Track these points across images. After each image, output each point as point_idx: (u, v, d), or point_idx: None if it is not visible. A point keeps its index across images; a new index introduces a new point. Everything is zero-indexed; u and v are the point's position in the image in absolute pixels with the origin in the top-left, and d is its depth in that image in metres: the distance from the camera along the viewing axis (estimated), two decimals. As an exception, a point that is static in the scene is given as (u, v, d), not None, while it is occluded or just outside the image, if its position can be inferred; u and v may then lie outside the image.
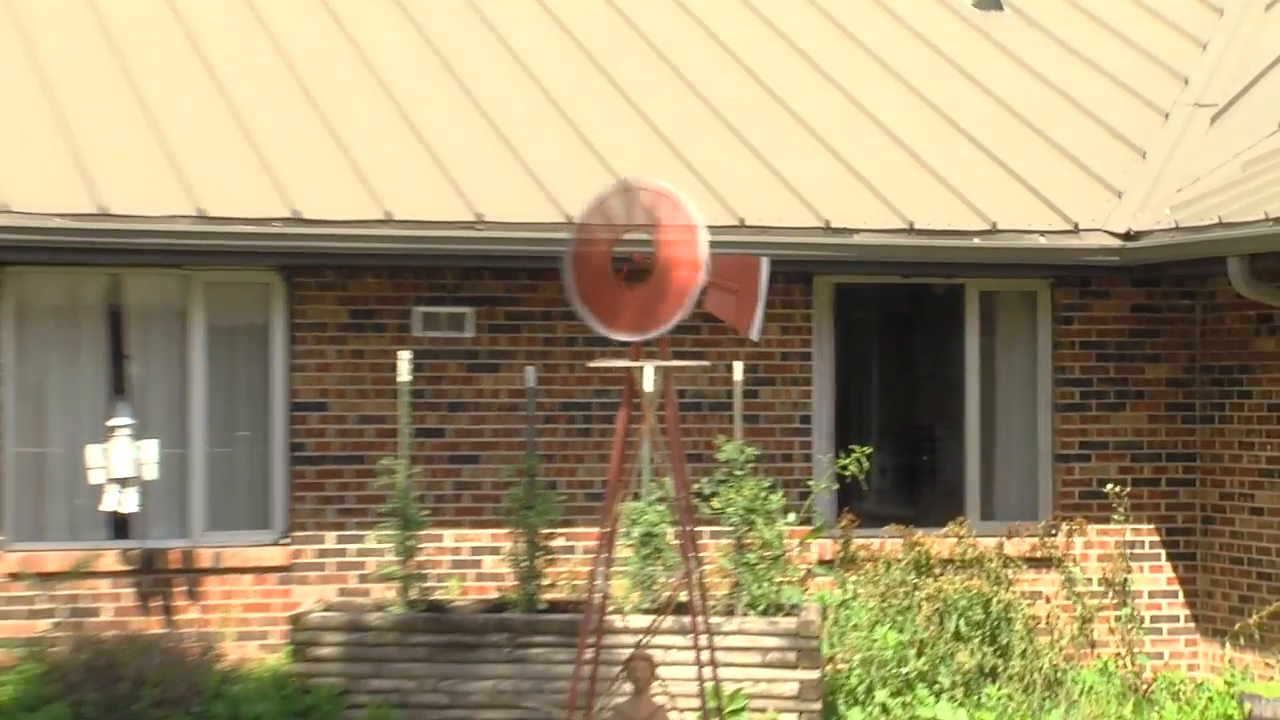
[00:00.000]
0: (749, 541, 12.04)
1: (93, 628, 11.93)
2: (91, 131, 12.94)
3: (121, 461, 11.98)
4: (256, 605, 12.53)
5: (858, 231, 12.88)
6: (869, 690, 12.13)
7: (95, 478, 12.06)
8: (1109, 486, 13.35)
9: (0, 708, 11.53)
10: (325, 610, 12.06)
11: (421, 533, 12.05)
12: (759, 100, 14.91)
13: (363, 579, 12.55)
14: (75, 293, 12.60)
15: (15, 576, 11.95)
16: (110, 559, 12.18)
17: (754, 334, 9.59)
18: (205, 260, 12.32)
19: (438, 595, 12.45)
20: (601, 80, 14.77)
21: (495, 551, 12.71)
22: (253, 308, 12.84)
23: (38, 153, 12.63)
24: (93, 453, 12.07)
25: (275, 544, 12.59)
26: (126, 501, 12.09)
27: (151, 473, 12.08)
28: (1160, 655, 13.65)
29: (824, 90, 15.15)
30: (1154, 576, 13.69)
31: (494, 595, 12.52)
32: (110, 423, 12.13)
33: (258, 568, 12.53)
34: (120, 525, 12.40)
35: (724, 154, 13.95)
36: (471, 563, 12.93)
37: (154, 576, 12.29)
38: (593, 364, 10.69)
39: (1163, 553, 13.76)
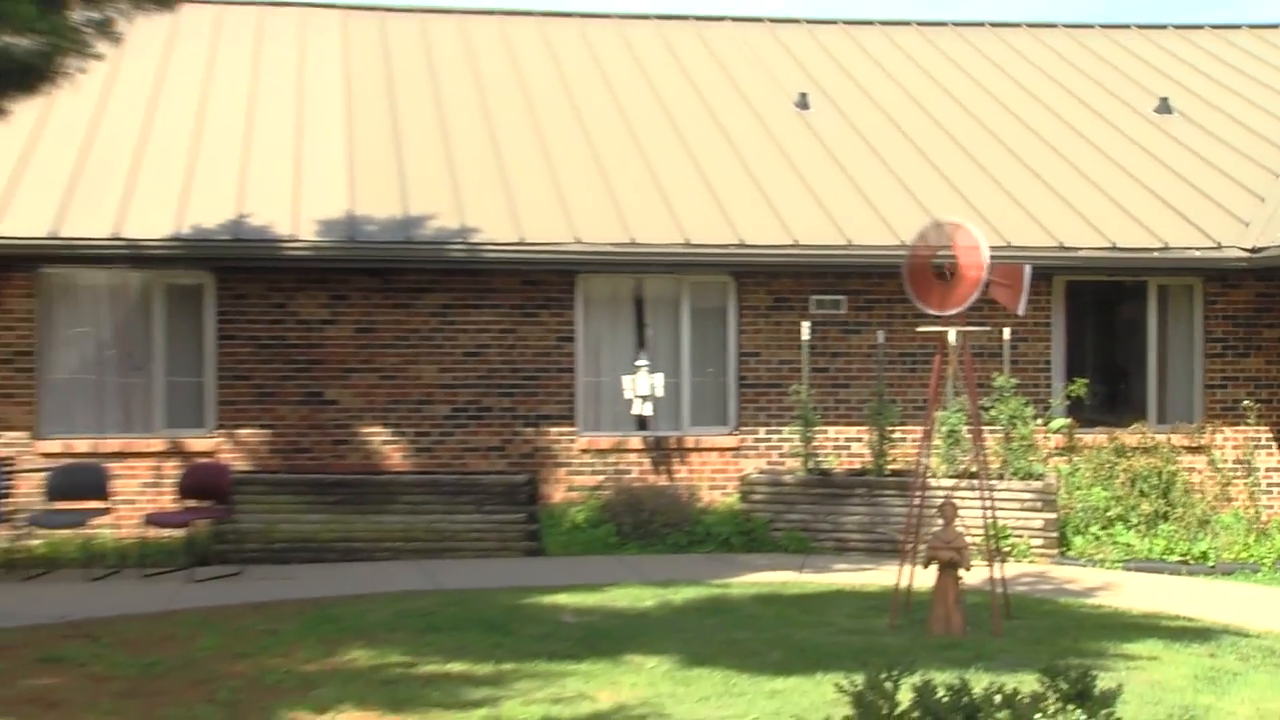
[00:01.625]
0: (1012, 435, 14.50)
1: (626, 481, 14.83)
2: (626, 191, 15.60)
3: (643, 385, 14.88)
4: (719, 469, 15.10)
5: (1080, 249, 15.25)
6: (1086, 526, 14.36)
7: (627, 394, 14.97)
8: (1244, 403, 15.53)
9: (577, 524, 14.32)
10: (759, 473, 14.81)
11: (814, 429, 14.79)
12: (1010, 161, 17.16)
13: (780, 455, 15.08)
14: (616, 288, 15.26)
15: (584, 450, 14.95)
16: (636, 442, 15.03)
17: (1021, 311, 10.98)
18: (689, 269, 15.04)
19: (824, 465, 14.89)
20: (920, 157, 17.14)
21: (859, 440, 15.09)
22: (716, 296, 15.33)
23: (592, 205, 15.26)
24: (626, 381, 14.97)
25: (730, 434, 15.18)
26: (645, 409, 14.97)
27: (659, 392, 14.93)
28: (1271, 507, 15.58)
29: (1050, 157, 17.33)
30: (1268, 459, 15.79)
31: (857, 466, 14.96)
32: (636, 363, 14.98)
33: (720, 448, 15.11)
34: (641, 422, 15.10)
35: (994, 199, 16.14)
36: (844, 446, 15.22)
37: (661, 452, 15.03)
38: (920, 329, 12.28)
39: (1274, 444, 15.83)
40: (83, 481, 13.47)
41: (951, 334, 10.92)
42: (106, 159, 15.33)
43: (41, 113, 15.08)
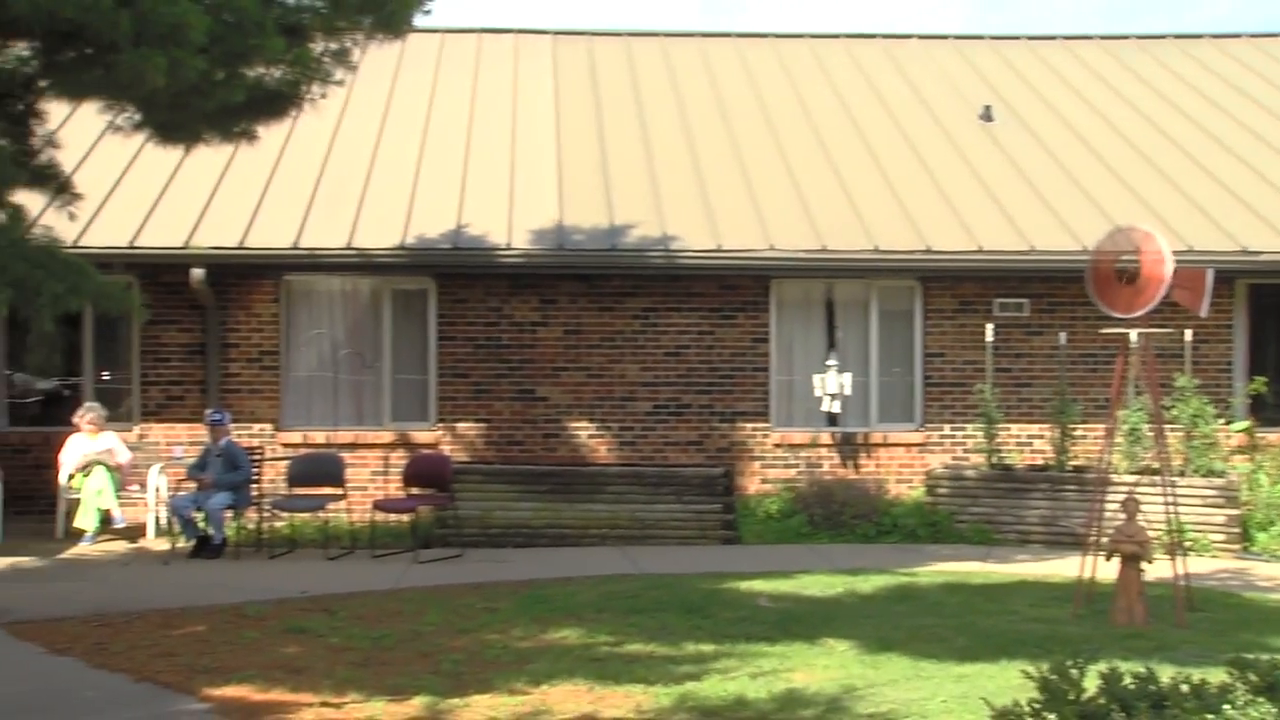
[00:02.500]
0: (1193, 434, 14.07)
1: (817, 474, 14.82)
2: (817, 200, 15.54)
3: (832, 384, 14.85)
4: (905, 464, 15.02)
5: (1263, 253, 14.79)
6: (1269, 523, 13.90)
7: (818, 392, 14.93)
8: None
9: (770, 514, 14.30)
10: (944, 467, 14.68)
11: (998, 426, 14.52)
12: (1191, 168, 16.76)
13: (964, 451, 14.92)
14: (807, 292, 15.23)
15: (777, 445, 14.94)
16: (826, 437, 14.98)
17: (1204, 313, 10.93)
18: (877, 275, 14.96)
19: (1007, 461, 14.61)
20: (1101, 165, 16.81)
21: (1040, 437, 14.82)
22: (903, 300, 15.21)
23: (785, 214, 15.25)
24: (817, 379, 14.93)
25: (916, 430, 15.09)
26: (835, 406, 14.91)
27: (848, 390, 14.88)
28: None
29: (1232, 163, 16.86)
30: None
31: (1039, 462, 14.67)
32: (826, 362, 14.96)
33: (906, 444, 15.02)
34: (831, 419, 15.04)
35: (1176, 204, 15.74)
36: (1026, 443, 14.95)
37: (850, 447, 14.99)
38: (1103, 331, 11.81)
39: None
40: (321, 470, 13.90)
41: (1134, 335, 10.74)
42: (341, 176, 15.81)
43: (285, 136, 15.57)
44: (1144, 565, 9.94)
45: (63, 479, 13.98)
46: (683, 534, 13.93)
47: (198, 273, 14.11)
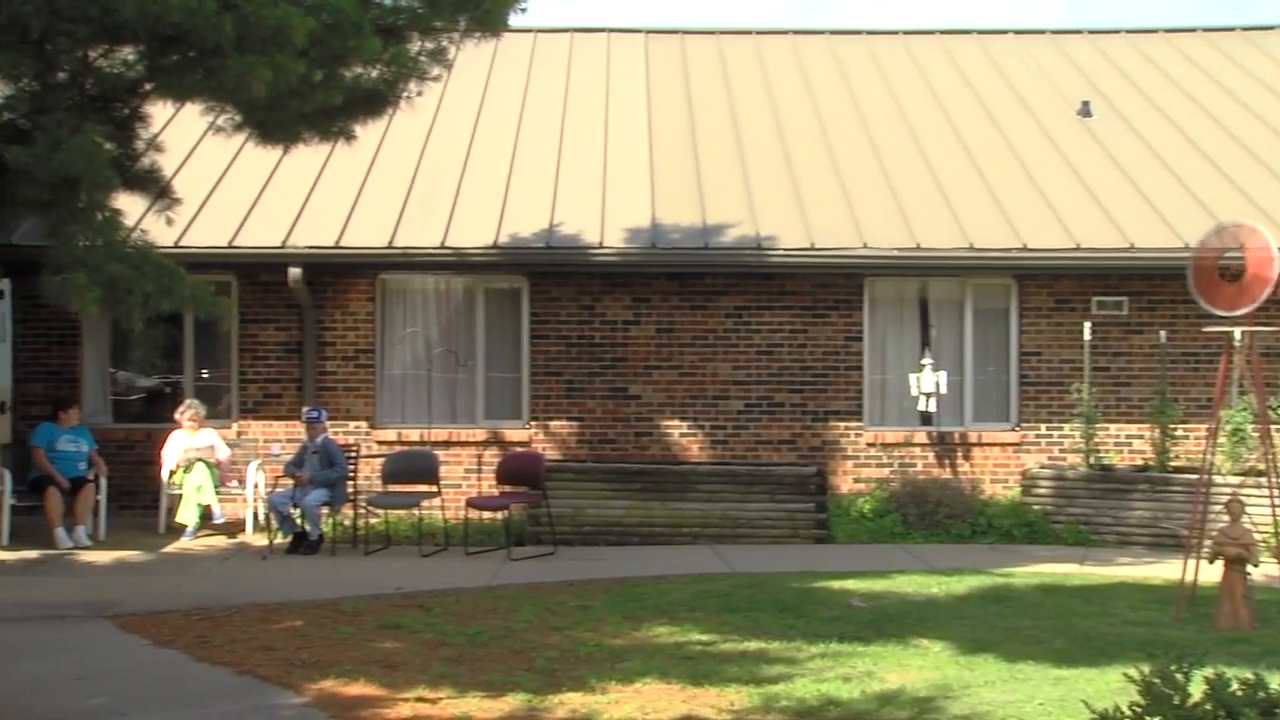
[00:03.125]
0: None
1: (911, 474, 14.76)
2: (911, 197, 15.42)
3: (927, 383, 14.78)
4: (1001, 464, 14.85)
5: None
6: None
7: (913, 392, 14.87)
8: None
9: (863, 513, 14.27)
10: (1040, 467, 14.52)
11: (1096, 426, 14.39)
12: None
13: (1060, 451, 14.73)
14: (901, 290, 15.14)
15: (870, 444, 14.87)
16: (920, 437, 14.87)
17: None
18: (971, 272, 14.81)
19: (1105, 461, 14.46)
20: (1203, 159, 16.52)
21: (1140, 437, 14.65)
22: (998, 298, 15.03)
23: (878, 211, 15.17)
24: (912, 378, 14.88)
25: (1011, 430, 14.89)
26: (929, 405, 14.86)
27: (943, 389, 14.79)
28: None
29: None
30: None
31: (1138, 462, 14.49)
32: (921, 361, 14.91)
33: (1001, 443, 14.84)
34: (926, 418, 14.96)
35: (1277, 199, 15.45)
36: (1125, 443, 14.77)
37: (944, 447, 14.88)
38: (1206, 329, 11.86)
39: None
40: (415, 467, 14.04)
41: (1237, 334, 10.58)
42: (435, 175, 15.95)
43: (380, 135, 15.74)
44: (1249, 569, 9.73)
45: (164, 475, 14.24)
46: (775, 533, 13.93)
47: (295, 272, 14.32)
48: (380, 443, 14.79)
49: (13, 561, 12.55)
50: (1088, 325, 14.73)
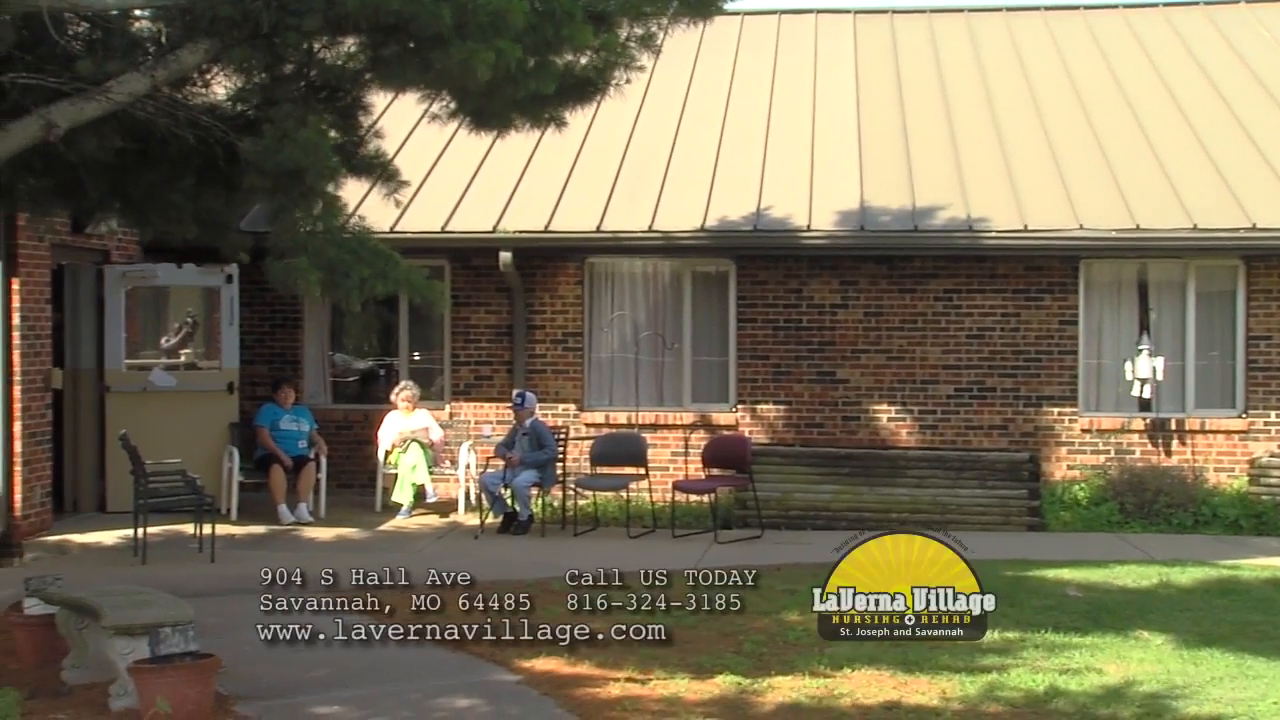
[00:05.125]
0: None
1: (1128, 461, 14.39)
2: (1130, 176, 15.05)
3: (1144, 368, 14.38)
4: (1225, 452, 14.40)
5: None
6: None
7: (1129, 377, 14.51)
8: None
9: (1077, 501, 14.00)
10: (1270, 456, 14.05)
11: None
12: None
13: None
14: (1118, 272, 14.77)
15: (1085, 430, 14.49)
16: (1138, 423, 14.48)
17: None
18: (1195, 254, 14.38)
19: None
20: None
21: None
22: (1224, 280, 14.59)
23: (1095, 191, 14.81)
24: (1128, 364, 14.54)
25: (1238, 417, 14.44)
26: (1146, 391, 14.46)
27: (1160, 375, 14.37)
28: None
29: None
30: None
31: None
32: (1138, 346, 14.51)
33: (1226, 431, 14.39)
34: (1143, 404, 14.57)
35: None
36: None
37: (1163, 433, 14.45)
38: None
39: None
40: (623, 450, 14.19)
41: None
42: (642, 159, 16.06)
43: (588, 120, 15.89)
44: None
45: (380, 455, 14.68)
46: (986, 520, 13.75)
47: (506, 256, 14.58)
48: (588, 425, 15.00)
49: (241, 536, 13.10)
50: (1322, 305, 14.10)
